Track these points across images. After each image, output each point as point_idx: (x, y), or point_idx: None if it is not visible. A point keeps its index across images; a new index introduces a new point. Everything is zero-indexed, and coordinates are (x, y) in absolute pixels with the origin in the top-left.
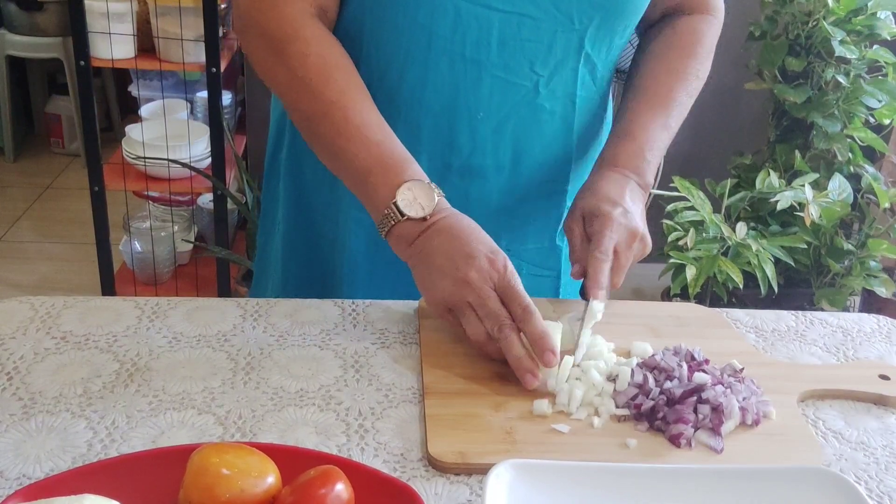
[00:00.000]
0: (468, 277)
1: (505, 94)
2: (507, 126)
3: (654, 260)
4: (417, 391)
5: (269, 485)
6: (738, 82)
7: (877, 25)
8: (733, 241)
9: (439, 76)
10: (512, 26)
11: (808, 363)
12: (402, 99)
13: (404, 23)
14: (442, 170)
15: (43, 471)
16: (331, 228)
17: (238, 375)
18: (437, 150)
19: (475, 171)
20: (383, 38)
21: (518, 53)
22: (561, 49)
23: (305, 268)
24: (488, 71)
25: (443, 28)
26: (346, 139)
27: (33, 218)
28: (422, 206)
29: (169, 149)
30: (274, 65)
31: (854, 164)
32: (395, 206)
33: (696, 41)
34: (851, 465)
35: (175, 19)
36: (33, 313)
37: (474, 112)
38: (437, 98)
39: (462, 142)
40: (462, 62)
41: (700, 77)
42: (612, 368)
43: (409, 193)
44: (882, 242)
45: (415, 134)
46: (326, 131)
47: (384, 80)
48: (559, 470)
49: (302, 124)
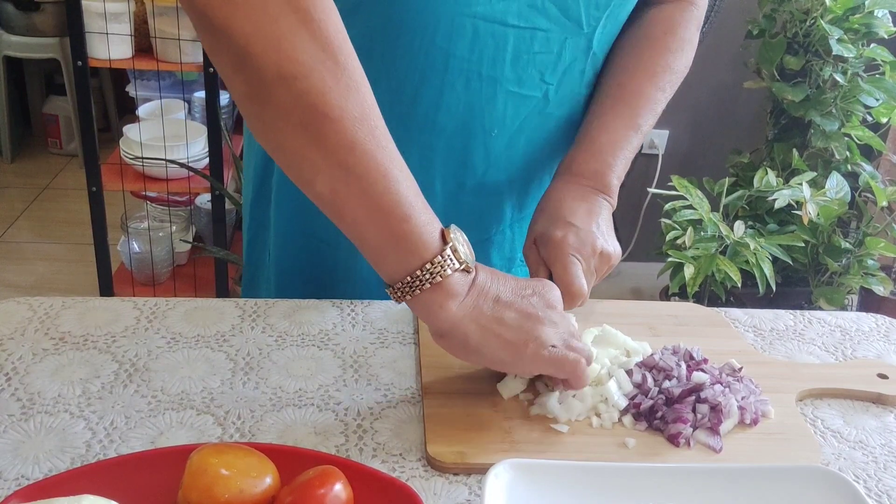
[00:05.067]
0: (554, 304)
1: (517, 109)
2: (520, 139)
3: (653, 259)
4: (416, 391)
5: (268, 485)
6: (736, 81)
7: (874, 24)
8: (731, 240)
9: (454, 97)
10: (525, 41)
11: (806, 362)
12: (414, 123)
13: (420, 46)
14: (455, 190)
15: (42, 471)
16: (324, 228)
17: (237, 376)
18: (450, 171)
19: (489, 187)
20: (394, 64)
21: (530, 66)
22: (570, 55)
23: (299, 268)
24: (503, 87)
25: (460, 49)
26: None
27: (31, 218)
28: (470, 252)
29: (167, 149)
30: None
31: (852, 162)
32: (451, 250)
33: (667, 31)
34: (850, 463)
35: (172, 19)
36: (32, 314)
37: (489, 130)
38: (451, 119)
39: (476, 160)
40: (478, 81)
41: (674, 69)
42: (612, 369)
43: (460, 235)
44: (880, 241)
45: (427, 157)
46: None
47: (395, 106)
48: (558, 470)
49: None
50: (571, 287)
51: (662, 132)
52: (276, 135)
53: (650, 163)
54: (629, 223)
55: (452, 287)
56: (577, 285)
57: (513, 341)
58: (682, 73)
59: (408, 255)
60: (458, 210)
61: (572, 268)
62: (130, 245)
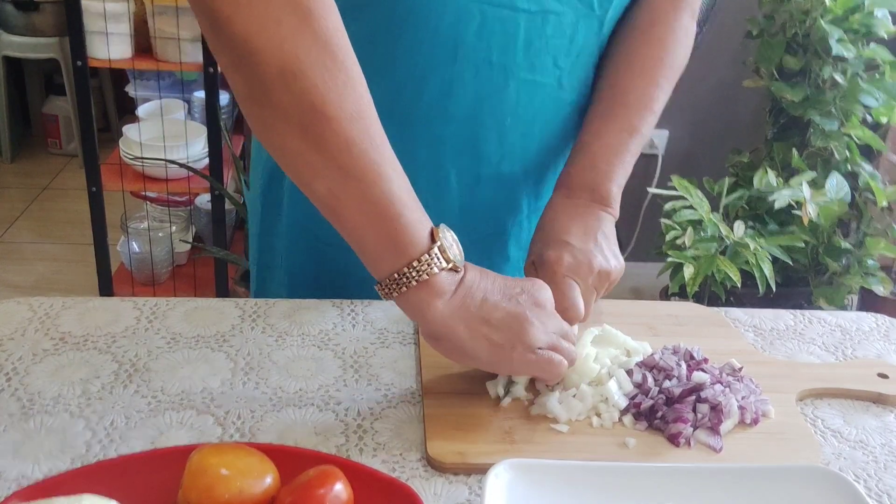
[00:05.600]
0: (544, 303)
1: (531, 97)
2: (535, 128)
3: (653, 259)
4: (416, 391)
5: (268, 485)
6: (735, 80)
7: (874, 24)
8: (731, 240)
9: (463, 87)
10: (537, 25)
11: (806, 362)
12: (420, 116)
13: (426, 35)
14: (472, 182)
15: (42, 471)
16: (335, 232)
17: (237, 376)
18: (465, 163)
19: (506, 178)
20: (399, 56)
21: (543, 52)
22: (582, 37)
23: (312, 272)
24: (514, 74)
25: (468, 35)
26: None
27: (31, 219)
28: (459, 252)
29: (166, 149)
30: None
31: (851, 162)
32: (439, 249)
33: (655, 21)
34: (850, 463)
35: (172, 19)
36: (31, 314)
37: (501, 119)
38: (461, 109)
39: (490, 151)
40: (488, 69)
41: (666, 63)
42: (612, 369)
43: (449, 235)
44: (880, 241)
45: (437, 150)
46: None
47: (399, 101)
48: (558, 469)
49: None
50: (568, 311)
51: (662, 132)
52: (277, 137)
53: (650, 163)
54: (629, 223)
55: (439, 285)
56: (573, 309)
57: (500, 343)
58: (679, 65)
59: (396, 253)
60: (475, 202)
61: (568, 291)
62: (130, 245)
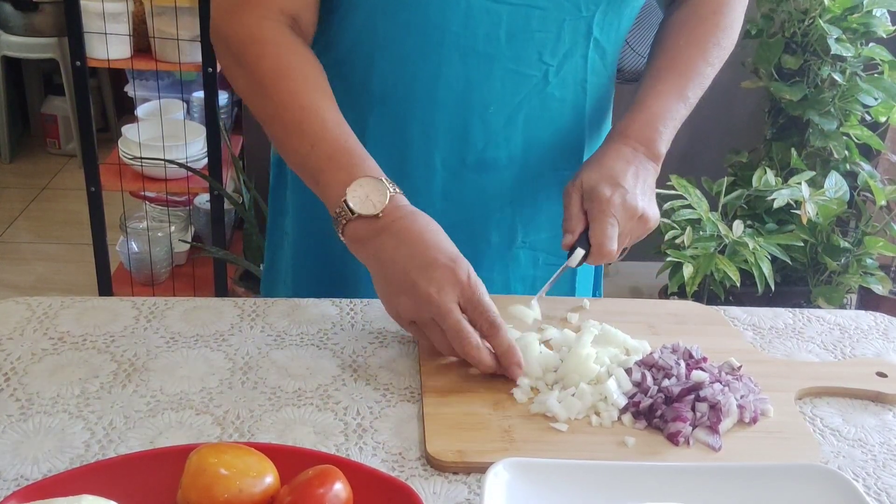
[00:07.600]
0: (427, 293)
1: (516, 86)
2: (518, 117)
3: (652, 258)
4: (415, 390)
5: (268, 485)
6: (734, 80)
7: (872, 23)
8: (730, 239)
9: (451, 72)
10: (520, 18)
11: (805, 360)
12: (415, 100)
13: (416, 22)
14: (457, 166)
15: (41, 471)
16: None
17: (236, 375)
18: (452, 147)
19: (489, 164)
20: (395, 44)
21: (527, 45)
22: (569, 37)
23: (317, 274)
24: (499, 63)
25: (454, 24)
26: (298, 139)
27: (30, 219)
28: (374, 204)
29: (165, 149)
30: (234, 69)
31: (850, 161)
32: (345, 203)
33: (716, 10)
34: (849, 462)
35: (171, 19)
36: (30, 314)
37: (486, 105)
38: (450, 95)
39: (475, 136)
40: (474, 56)
41: (722, 46)
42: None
43: (361, 190)
44: (878, 240)
45: (429, 133)
46: (279, 133)
47: (398, 87)
48: (557, 468)
49: (264, 127)
50: (603, 247)
51: None
52: (269, 127)
53: None
54: None
55: (355, 232)
56: (608, 247)
57: (399, 280)
58: (728, 50)
59: (327, 206)
60: (461, 186)
61: (610, 229)
62: (129, 245)
